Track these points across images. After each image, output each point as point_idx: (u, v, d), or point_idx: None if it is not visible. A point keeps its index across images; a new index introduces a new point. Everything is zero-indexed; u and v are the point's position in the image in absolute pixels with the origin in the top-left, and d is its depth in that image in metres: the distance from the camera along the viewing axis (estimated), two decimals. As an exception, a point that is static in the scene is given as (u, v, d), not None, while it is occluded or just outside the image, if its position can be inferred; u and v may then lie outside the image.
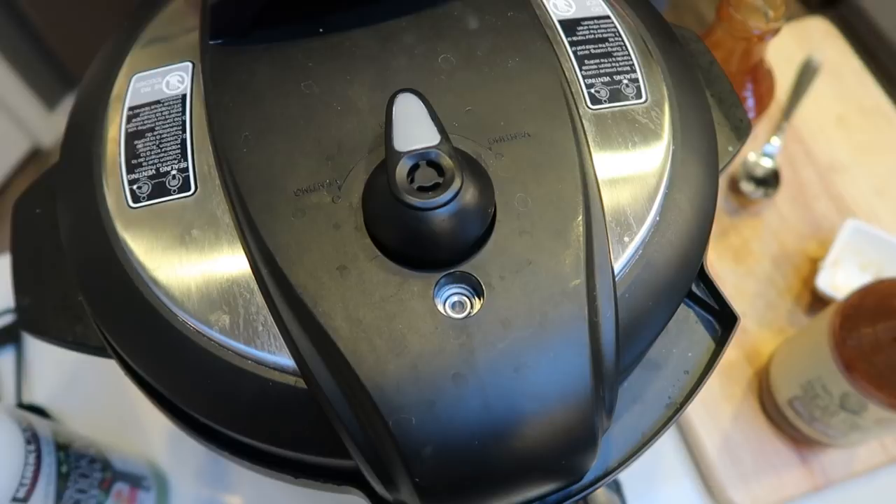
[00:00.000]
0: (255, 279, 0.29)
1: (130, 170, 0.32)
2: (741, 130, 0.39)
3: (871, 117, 0.77)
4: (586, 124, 0.32)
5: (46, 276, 0.37)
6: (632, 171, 0.32)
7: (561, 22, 0.35)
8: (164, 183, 0.31)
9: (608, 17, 0.36)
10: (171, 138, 0.32)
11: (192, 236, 0.30)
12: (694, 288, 0.34)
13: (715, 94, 0.40)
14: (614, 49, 0.35)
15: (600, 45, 0.35)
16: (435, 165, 0.27)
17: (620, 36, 0.35)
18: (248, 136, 0.31)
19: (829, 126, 0.76)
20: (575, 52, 0.34)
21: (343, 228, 0.29)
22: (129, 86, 0.34)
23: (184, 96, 0.33)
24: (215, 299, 0.29)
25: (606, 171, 0.31)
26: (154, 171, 0.31)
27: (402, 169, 0.27)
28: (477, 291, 0.28)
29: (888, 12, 1.59)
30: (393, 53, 0.33)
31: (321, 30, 0.34)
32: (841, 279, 0.65)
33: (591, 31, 0.35)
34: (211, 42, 0.34)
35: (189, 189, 0.31)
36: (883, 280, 0.51)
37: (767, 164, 0.72)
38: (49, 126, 1.56)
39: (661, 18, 0.38)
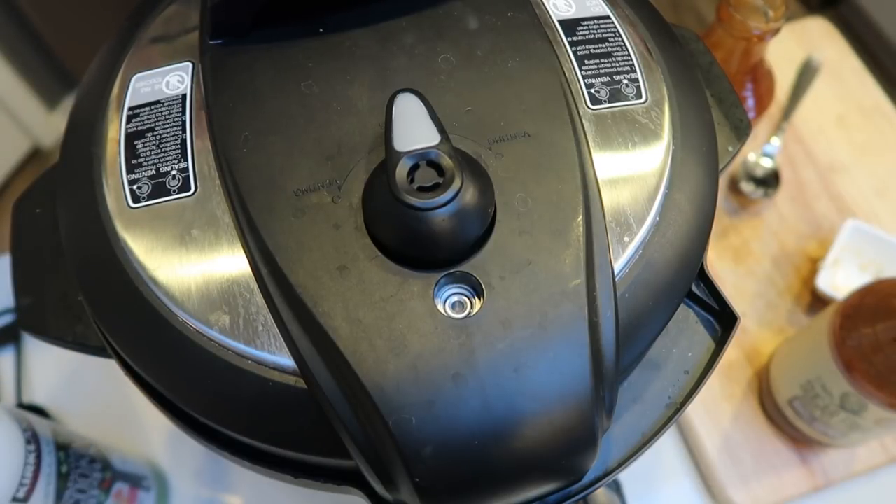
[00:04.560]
0: (255, 279, 0.29)
1: (130, 170, 0.32)
2: (741, 130, 0.39)
3: (871, 117, 0.77)
4: (586, 124, 0.32)
5: (47, 276, 0.37)
6: (632, 171, 0.32)
7: (561, 22, 0.35)
8: (164, 183, 0.31)
9: (608, 17, 0.36)
10: (171, 138, 0.32)
11: (192, 236, 0.30)
12: (694, 288, 0.34)
13: (715, 94, 0.40)
14: (614, 49, 0.35)
15: (600, 45, 0.35)
16: (435, 165, 0.27)
17: (620, 36, 0.35)
18: (248, 136, 0.31)
19: (829, 126, 0.76)
20: (575, 52, 0.34)
21: (343, 228, 0.29)
22: (129, 86, 0.34)
23: (184, 96, 0.33)
24: (215, 299, 0.29)
25: (606, 171, 0.31)
26: (154, 171, 0.31)
27: (402, 169, 0.27)
28: (477, 291, 0.28)
29: (888, 12, 1.59)
30: (393, 53, 0.33)
31: (321, 30, 0.34)
32: (841, 279, 0.65)
33: (591, 31, 0.35)
34: (211, 42, 0.34)
35: (189, 189, 0.31)
36: (883, 280, 0.51)
37: (767, 164, 0.72)
38: (49, 126, 1.56)
39: (661, 18, 0.38)
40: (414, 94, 0.29)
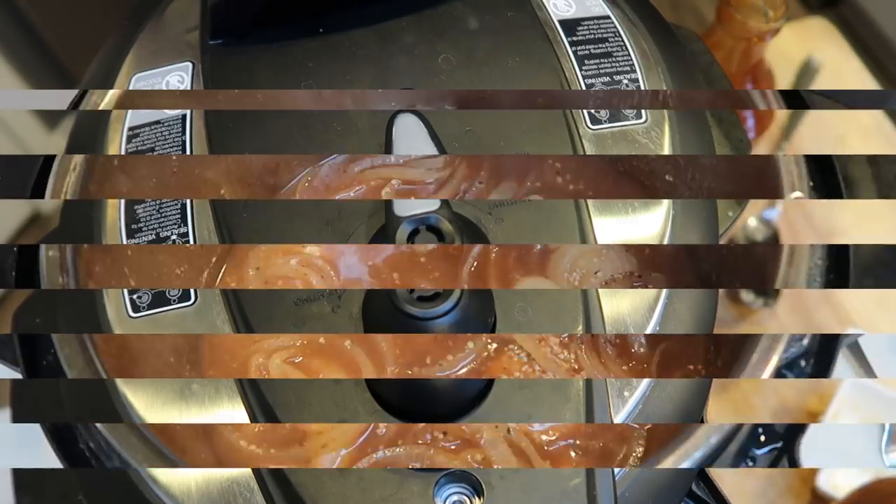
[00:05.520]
0: (256, 479, 0.28)
1: (130, 234, 0.31)
2: (740, 151, 0.39)
3: (874, 139, 0.75)
4: (586, 144, 0.32)
5: (46, 480, 0.36)
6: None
7: (561, 22, 0.35)
8: (163, 293, 0.30)
9: (608, 17, 0.36)
10: (172, 202, 0.31)
11: (192, 391, 0.29)
12: (694, 487, 0.33)
13: (714, 115, 0.39)
14: (614, 49, 0.35)
15: (600, 45, 0.35)
16: (435, 230, 0.27)
17: (620, 36, 0.35)
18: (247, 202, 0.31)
19: (829, 149, 0.74)
20: (575, 52, 0.34)
21: (343, 383, 0.28)
22: (129, 86, 0.34)
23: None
24: (215, 499, 0.28)
25: (606, 239, 0.31)
26: (154, 237, 0.31)
27: (402, 234, 0.27)
28: (477, 490, 0.27)
29: (888, 12, 1.59)
30: (393, 53, 0.33)
31: (321, 30, 0.34)
32: (841, 478, 0.62)
33: (591, 31, 0.35)
34: (211, 42, 0.34)
35: (189, 299, 0.30)
36: (882, 479, 0.50)
37: (768, 230, 0.70)
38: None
39: (661, 18, 0.38)
40: (413, 115, 0.29)
